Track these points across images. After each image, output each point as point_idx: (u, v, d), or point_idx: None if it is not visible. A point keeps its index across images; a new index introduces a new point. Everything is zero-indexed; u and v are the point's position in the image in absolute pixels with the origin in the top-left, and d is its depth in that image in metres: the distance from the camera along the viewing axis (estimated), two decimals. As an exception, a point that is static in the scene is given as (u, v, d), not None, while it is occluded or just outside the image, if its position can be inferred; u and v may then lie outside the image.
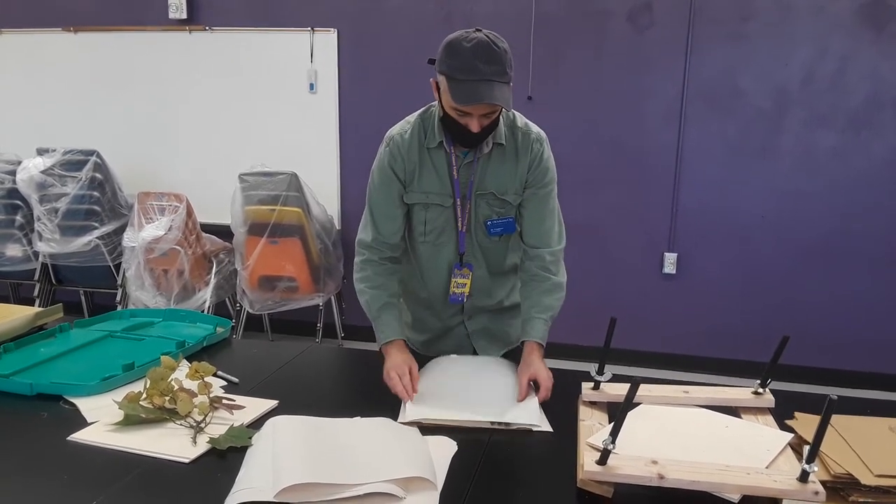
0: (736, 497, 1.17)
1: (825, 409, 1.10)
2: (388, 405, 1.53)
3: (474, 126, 1.56)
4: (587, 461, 1.20)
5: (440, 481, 1.20)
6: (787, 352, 1.49)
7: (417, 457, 1.23)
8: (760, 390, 1.53)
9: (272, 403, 1.52)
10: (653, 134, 3.93)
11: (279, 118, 4.37)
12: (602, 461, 1.19)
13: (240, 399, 1.51)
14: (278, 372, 1.78)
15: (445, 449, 1.33)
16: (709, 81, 3.80)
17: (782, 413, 1.48)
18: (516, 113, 1.76)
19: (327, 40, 4.23)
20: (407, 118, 1.79)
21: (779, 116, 3.79)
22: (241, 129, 4.44)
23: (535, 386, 1.61)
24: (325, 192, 4.25)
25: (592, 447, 1.27)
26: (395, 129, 1.78)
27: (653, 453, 1.23)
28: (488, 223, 1.76)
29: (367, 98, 4.27)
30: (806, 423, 1.40)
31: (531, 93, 4.00)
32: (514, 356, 1.85)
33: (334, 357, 1.92)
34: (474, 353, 1.91)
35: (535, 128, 1.77)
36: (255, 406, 1.50)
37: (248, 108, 4.41)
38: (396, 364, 1.62)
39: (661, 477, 1.16)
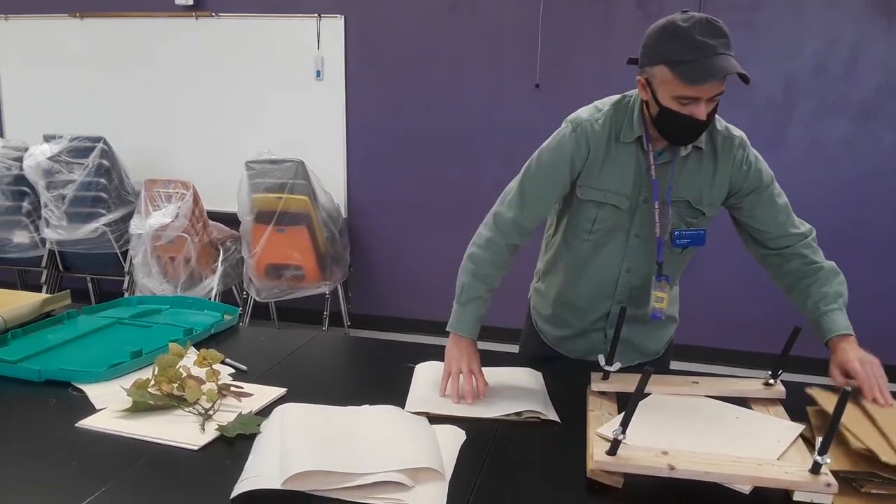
0: (747, 488, 1.16)
1: (839, 400, 1.09)
2: (396, 393, 1.53)
3: (702, 112, 1.42)
4: (597, 451, 1.20)
5: (449, 471, 1.20)
6: (798, 343, 1.48)
7: (426, 446, 1.22)
8: (771, 381, 1.52)
9: (280, 391, 1.52)
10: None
11: (286, 105, 4.36)
12: (612, 451, 1.18)
13: (248, 387, 1.51)
14: (286, 360, 1.77)
15: (454, 438, 1.33)
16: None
17: (794, 404, 1.47)
18: (717, 116, 1.59)
19: (334, 27, 4.21)
20: (595, 104, 1.63)
21: (788, 106, 3.75)
22: (248, 116, 4.43)
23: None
24: (331, 180, 4.25)
25: (602, 437, 1.26)
26: (583, 114, 1.61)
27: (663, 444, 1.22)
28: (675, 233, 1.60)
29: (373, 85, 4.25)
30: (821, 409, 1.38)
31: (539, 80, 3.97)
32: (653, 365, 1.78)
33: (341, 345, 1.91)
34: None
35: (736, 131, 1.62)
36: (263, 394, 1.50)
37: (255, 96, 4.40)
38: (460, 355, 1.56)
39: (672, 468, 1.15)
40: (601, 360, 1.58)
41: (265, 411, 1.40)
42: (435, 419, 1.40)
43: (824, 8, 3.62)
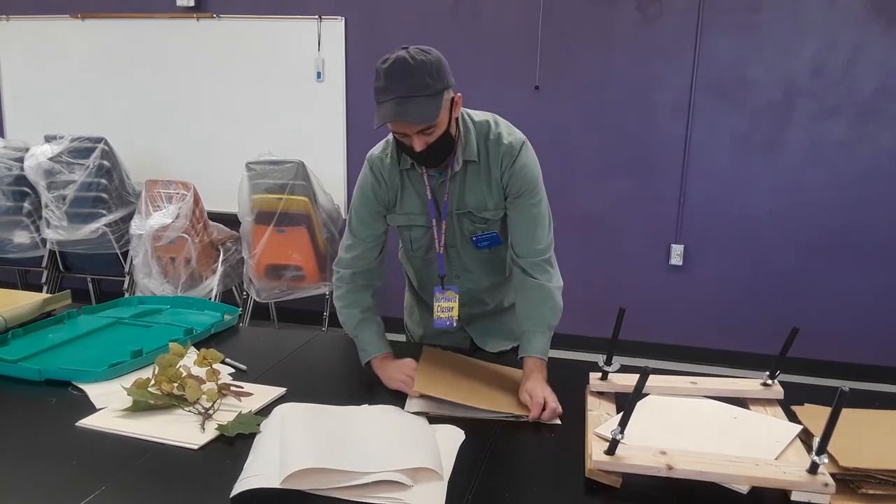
0: (745, 488, 1.17)
1: (836, 401, 1.09)
2: (395, 393, 1.53)
3: (417, 145, 1.50)
4: (595, 451, 1.20)
5: (447, 471, 1.20)
6: (795, 344, 1.49)
7: (425, 446, 1.22)
8: (769, 382, 1.53)
9: (280, 391, 1.52)
10: (661, 124, 3.90)
11: (286, 107, 4.37)
12: (611, 451, 1.19)
13: (248, 386, 1.51)
14: (286, 360, 1.78)
15: (453, 438, 1.33)
16: (717, 72, 3.76)
17: (791, 405, 1.48)
18: (495, 122, 1.70)
19: (335, 28, 4.21)
20: (387, 137, 1.72)
21: (787, 108, 3.76)
22: (249, 117, 4.44)
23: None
24: (331, 181, 4.25)
25: (601, 437, 1.27)
26: (375, 151, 1.74)
27: (661, 444, 1.22)
28: (474, 238, 1.72)
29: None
30: (813, 415, 1.40)
31: (538, 82, 3.98)
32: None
33: (341, 345, 1.92)
34: (477, 348, 1.90)
35: (509, 136, 1.67)
36: (263, 393, 1.50)
37: (256, 97, 4.40)
38: (392, 376, 1.59)
39: (670, 468, 1.16)
40: (600, 360, 1.59)
41: (265, 411, 1.41)
42: (434, 419, 1.41)
43: (823, 10, 3.62)
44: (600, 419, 1.39)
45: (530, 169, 1.66)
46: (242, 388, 1.49)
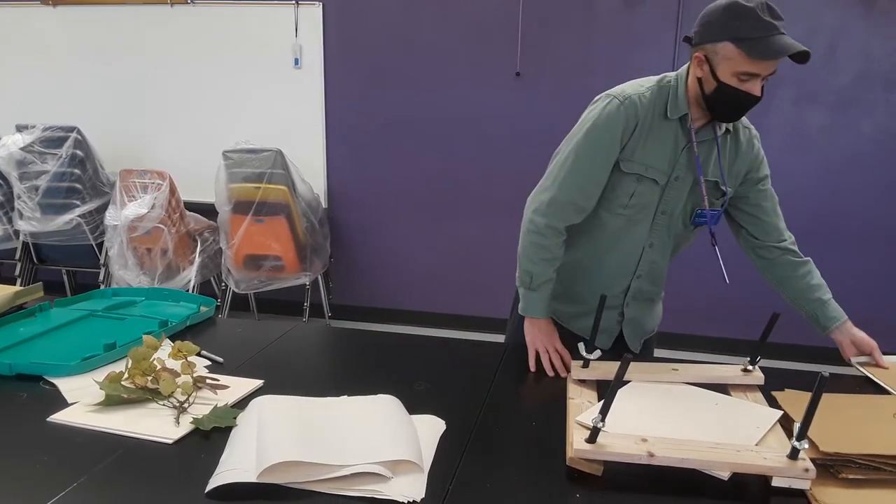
0: (726, 475, 1.16)
1: (816, 386, 1.09)
2: (375, 385, 1.51)
3: (757, 89, 1.50)
4: (577, 439, 1.19)
5: (427, 462, 1.19)
6: (777, 329, 1.49)
7: (405, 438, 1.21)
8: (750, 367, 1.53)
9: (257, 383, 1.50)
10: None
11: (263, 94, 4.31)
12: (592, 439, 1.18)
13: (224, 379, 1.49)
14: (264, 351, 1.75)
15: (433, 428, 1.32)
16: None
17: (772, 390, 1.48)
18: None
19: (312, 14, 4.16)
20: (638, 81, 1.67)
21: (768, 94, 3.76)
22: (225, 105, 4.37)
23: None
24: (310, 170, 4.21)
25: (582, 425, 1.26)
26: (628, 89, 1.64)
27: (642, 431, 1.22)
28: (698, 211, 1.70)
29: (353, 73, 4.21)
30: (793, 400, 1.40)
31: (519, 68, 3.95)
32: (647, 346, 1.90)
33: (321, 336, 1.90)
34: (620, 336, 1.86)
35: (752, 127, 1.74)
36: (239, 386, 1.47)
37: (232, 84, 4.34)
38: (542, 334, 1.66)
39: (651, 455, 1.15)
40: (581, 348, 1.58)
41: (242, 404, 1.38)
42: (415, 409, 1.38)
43: (804, -5, 3.64)
44: (581, 407, 1.38)
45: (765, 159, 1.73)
46: (218, 380, 1.47)
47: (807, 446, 1.13)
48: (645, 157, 1.63)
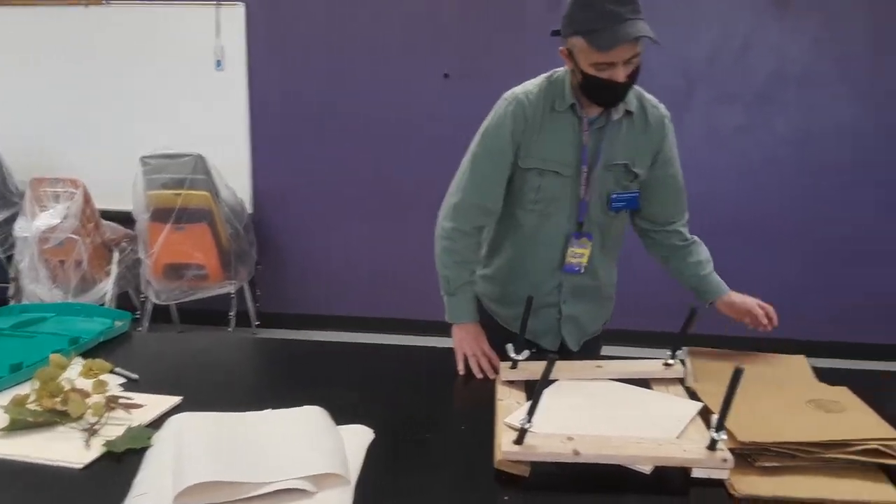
0: (648, 468, 1.18)
1: (732, 379, 1.12)
2: (301, 396, 1.46)
3: (620, 75, 1.50)
4: (504, 441, 1.19)
5: (354, 473, 1.16)
6: (705, 322, 1.53)
7: (330, 450, 1.18)
8: (671, 361, 1.56)
9: (175, 400, 1.43)
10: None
11: (183, 97, 4.17)
12: (519, 441, 1.18)
13: (139, 397, 1.42)
14: (184, 366, 1.68)
15: (361, 438, 1.29)
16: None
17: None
18: (640, 88, 1.72)
19: (234, 15, 4.06)
20: (530, 80, 1.70)
21: (686, 94, 3.89)
22: (143, 109, 4.21)
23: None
24: (235, 175, 4.10)
25: (510, 427, 1.26)
26: (518, 90, 1.68)
27: (569, 430, 1.23)
28: (613, 196, 1.70)
29: (278, 75, 4.13)
30: (712, 392, 1.43)
31: (448, 69, 3.96)
32: (590, 347, 1.88)
33: (245, 347, 1.84)
34: (561, 339, 1.83)
35: (662, 106, 1.74)
36: (155, 404, 1.41)
37: (150, 87, 4.19)
38: (468, 337, 1.67)
39: (577, 453, 1.16)
40: (510, 349, 1.59)
41: (158, 423, 1.32)
42: (342, 419, 1.35)
43: (718, -3, 3.77)
44: (510, 408, 1.38)
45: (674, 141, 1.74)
46: (132, 399, 1.40)
47: (725, 437, 1.16)
48: (542, 152, 1.66)
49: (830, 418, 1.32)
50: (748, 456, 1.21)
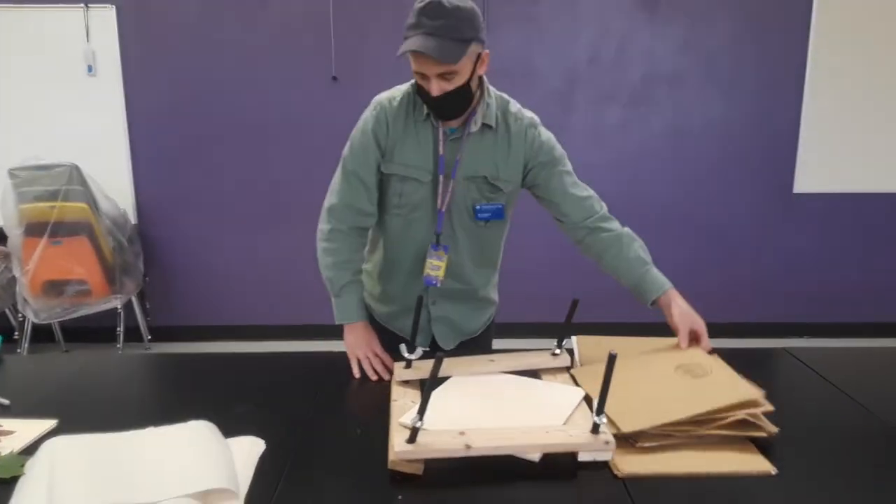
0: (537, 456, 1.22)
1: (607, 364, 1.18)
2: (188, 412, 1.41)
3: (434, 88, 1.52)
4: (397, 441, 1.20)
5: (244, 486, 1.14)
6: (589, 310, 1.58)
7: (216, 464, 1.15)
8: (557, 351, 1.62)
9: (50, 424, 1.35)
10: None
11: (53, 105, 3.93)
12: (412, 439, 1.19)
13: (9, 423, 1.33)
14: (62, 387, 1.59)
15: (252, 449, 1.26)
16: (505, 62, 3.94)
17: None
18: (511, 100, 1.74)
19: (105, 18, 3.85)
20: (398, 86, 1.72)
21: (569, 94, 4.04)
22: (10, 118, 3.93)
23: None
24: (115, 185, 3.90)
25: (404, 426, 1.27)
26: (383, 95, 1.71)
27: (461, 425, 1.25)
28: (477, 207, 1.71)
29: (156, 80, 3.96)
30: (590, 376, 1.49)
31: (336, 72, 3.93)
32: (469, 346, 1.87)
33: (133, 363, 1.76)
34: (433, 338, 1.84)
35: (527, 113, 1.74)
36: (28, 429, 1.32)
37: (17, 95, 3.92)
38: (359, 341, 1.66)
39: (468, 447, 1.18)
40: (403, 349, 1.60)
41: (31, 449, 1.24)
42: (230, 431, 1.32)
43: (596, 2, 3.92)
44: (405, 408, 1.39)
45: (554, 141, 1.74)
46: (1, 426, 1.31)
47: (605, 420, 1.22)
48: (403, 158, 1.68)
49: (696, 384, 1.41)
50: (630, 437, 1.27)
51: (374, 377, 1.63)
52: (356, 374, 1.65)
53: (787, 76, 4.04)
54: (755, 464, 1.24)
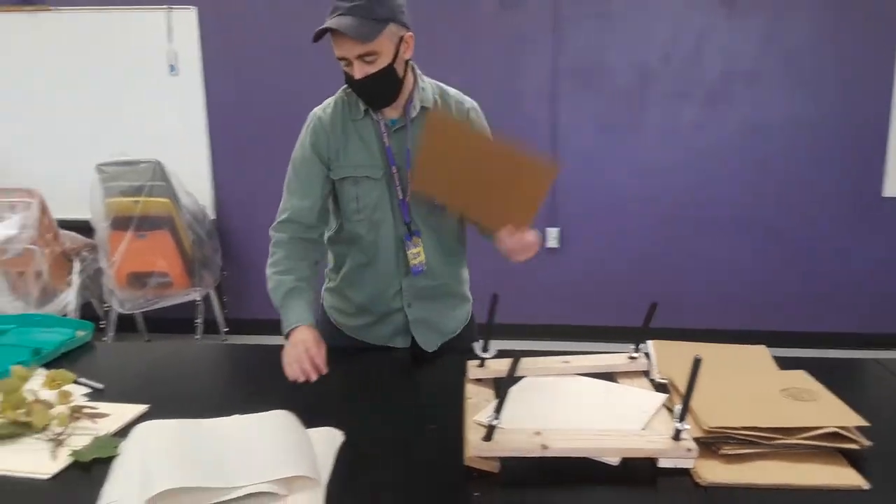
0: (616, 460, 1.21)
1: (692, 369, 1.15)
2: (269, 401, 1.46)
3: (357, 71, 1.52)
4: (473, 439, 1.20)
5: (325, 476, 1.16)
6: (665, 315, 1.55)
7: (299, 453, 1.18)
8: (635, 355, 1.59)
9: (141, 408, 1.42)
10: (527, 111, 4.00)
11: (139, 103, 4.11)
12: (488, 437, 1.19)
13: (105, 406, 1.40)
14: (149, 374, 1.67)
15: (331, 440, 1.29)
16: (577, 59, 3.90)
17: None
18: (446, 86, 1.75)
19: (187, 19, 4.00)
20: (330, 97, 1.74)
21: (643, 92, 3.96)
22: (98, 116, 4.14)
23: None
24: (195, 180, 4.05)
25: (479, 424, 1.27)
26: (318, 108, 1.74)
27: (536, 425, 1.25)
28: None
29: (234, 78, 4.08)
30: (677, 382, 1.46)
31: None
32: (450, 345, 1.85)
33: (213, 354, 1.83)
34: (413, 341, 1.82)
35: (469, 99, 1.76)
36: (121, 413, 1.39)
37: (104, 94, 4.12)
38: (295, 342, 1.54)
39: (545, 447, 1.18)
40: (476, 347, 1.60)
41: (124, 431, 1.30)
42: (312, 422, 1.35)
43: (671, -2, 3.85)
44: (479, 406, 1.39)
45: (488, 129, 1.74)
46: (97, 408, 1.38)
47: (688, 427, 1.19)
48: (351, 159, 1.68)
49: (799, 405, 1.36)
50: (712, 444, 1.24)
51: (301, 379, 1.49)
52: (289, 375, 1.52)
53: (875, 72, 3.84)
54: (846, 477, 1.18)
